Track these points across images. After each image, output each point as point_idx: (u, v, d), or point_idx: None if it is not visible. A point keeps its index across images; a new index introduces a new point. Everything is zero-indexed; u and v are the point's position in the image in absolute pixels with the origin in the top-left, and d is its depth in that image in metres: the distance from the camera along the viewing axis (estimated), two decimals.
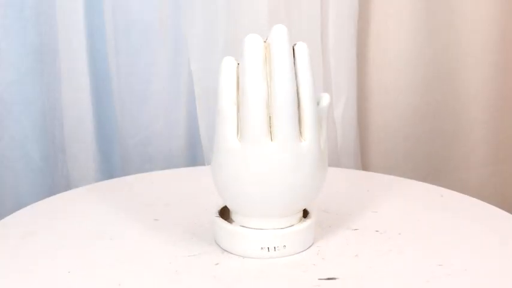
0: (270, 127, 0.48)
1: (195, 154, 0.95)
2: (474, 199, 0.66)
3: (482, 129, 0.98)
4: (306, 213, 0.55)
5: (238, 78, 0.48)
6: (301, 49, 0.48)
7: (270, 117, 0.47)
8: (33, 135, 0.89)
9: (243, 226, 0.52)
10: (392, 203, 0.65)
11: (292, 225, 0.52)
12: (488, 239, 0.55)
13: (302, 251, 0.53)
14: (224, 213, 0.54)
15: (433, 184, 0.74)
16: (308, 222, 0.53)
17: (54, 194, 0.70)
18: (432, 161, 0.99)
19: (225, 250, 0.52)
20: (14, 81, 0.86)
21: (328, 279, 0.48)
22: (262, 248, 0.51)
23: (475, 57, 0.94)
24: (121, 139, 0.91)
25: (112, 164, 0.94)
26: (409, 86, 0.96)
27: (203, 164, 0.92)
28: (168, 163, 0.92)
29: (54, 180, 0.92)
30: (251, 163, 0.48)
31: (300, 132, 0.49)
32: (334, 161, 0.94)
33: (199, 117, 0.90)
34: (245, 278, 0.48)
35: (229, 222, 0.53)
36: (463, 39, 0.94)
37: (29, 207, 0.64)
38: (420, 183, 0.74)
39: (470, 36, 0.94)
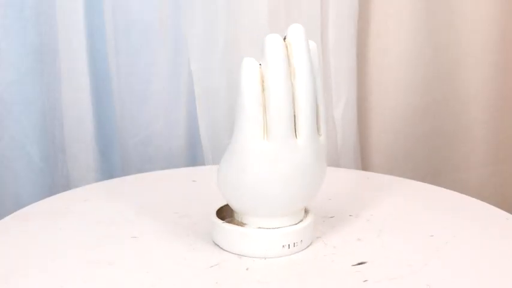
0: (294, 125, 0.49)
1: (195, 154, 0.95)
2: (474, 199, 0.66)
3: (482, 129, 0.98)
4: None
5: (262, 78, 0.48)
6: (313, 47, 0.50)
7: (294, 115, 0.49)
8: (33, 135, 0.89)
9: (260, 228, 0.52)
10: (391, 203, 0.65)
11: (302, 220, 0.53)
12: (487, 239, 0.55)
13: (311, 244, 0.54)
14: (219, 215, 0.55)
15: (433, 184, 0.74)
16: (312, 215, 0.54)
17: (54, 194, 0.70)
18: (432, 161, 0.99)
19: (240, 255, 0.52)
20: (14, 81, 0.86)
21: (360, 264, 0.49)
22: (283, 245, 0.51)
23: (475, 57, 0.94)
24: (121, 139, 0.91)
25: (112, 164, 0.94)
26: (409, 86, 0.96)
27: (203, 164, 0.92)
28: (168, 163, 0.92)
29: (54, 180, 0.92)
30: (281, 162, 0.49)
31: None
32: (334, 161, 0.94)
33: (199, 117, 0.90)
34: (289, 277, 0.48)
35: (230, 224, 0.53)
36: (463, 39, 0.94)
37: (29, 207, 0.64)
38: (420, 183, 0.74)
39: (470, 36, 0.94)
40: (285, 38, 0.48)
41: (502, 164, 1.00)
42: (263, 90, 0.47)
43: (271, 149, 0.48)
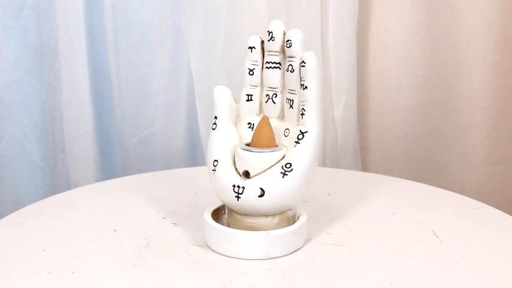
0: None
1: (195, 154, 0.95)
2: (474, 199, 0.66)
3: (482, 129, 0.98)
4: None
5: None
6: None
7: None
8: (33, 135, 0.89)
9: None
10: (391, 203, 0.65)
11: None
12: (487, 239, 0.55)
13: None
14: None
15: (432, 184, 0.74)
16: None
17: (54, 194, 0.70)
18: (432, 161, 0.99)
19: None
20: (14, 81, 0.86)
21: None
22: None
23: (475, 57, 0.95)
24: (121, 139, 0.91)
25: (112, 164, 0.94)
26: (409, 86, 0.96)
27: (203, 164, 0.92)
28: (168, 163, 0.92)
29: (54, 180, 0.92)
30: None
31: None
32: (334, 161, 0.94)
33: (199, 117, 0.90)
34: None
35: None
36: (463, 39, 0.94)
37: (29, 207, 0.64)
38: (419, 183, 0.74)
39: (470, 36, 0.94)
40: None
41: (502, 164, 1.00)
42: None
43: None
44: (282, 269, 0.49)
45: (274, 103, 0.53)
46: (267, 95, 0.54)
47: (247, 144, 0.52)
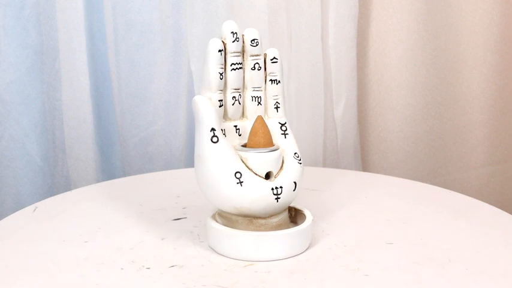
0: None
1: None
2: (474, 199, 0.66)
3: (482, 129, 0.98)
4: None
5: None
6: None
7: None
8: (33, 135, 0.89)
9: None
10: (391, 203, 0.65)
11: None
12: (487, 239, 0.55)
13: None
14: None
15: (432, 184, 0.74)
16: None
17: (54, 194, 0.70)
18: (432, 161, 0.99)
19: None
20: (14, 81, 0.86)
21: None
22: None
23: (475, 57, 0.95)
24: (121, 139, 0.91)
25: (112, 164, 0.94)
26: (409, 86, 0.96)
27: None
28: (168, 163, 0.92)
29: (54, 180, 0.92)
30: None
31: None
32: (334, 161, 0.94)
33: None
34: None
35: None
36: (463, 39, 0.94)
37: (29, 207, 0.64)
38: (420, 183, 0.74)
39: (470, 36, 0.94)
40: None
41: (502, 164, 1.00)
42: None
43: None
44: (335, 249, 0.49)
45: (240, 104, 0.53)
46: (234, 97, 0.53)
47: (244, 146, 0.52)
